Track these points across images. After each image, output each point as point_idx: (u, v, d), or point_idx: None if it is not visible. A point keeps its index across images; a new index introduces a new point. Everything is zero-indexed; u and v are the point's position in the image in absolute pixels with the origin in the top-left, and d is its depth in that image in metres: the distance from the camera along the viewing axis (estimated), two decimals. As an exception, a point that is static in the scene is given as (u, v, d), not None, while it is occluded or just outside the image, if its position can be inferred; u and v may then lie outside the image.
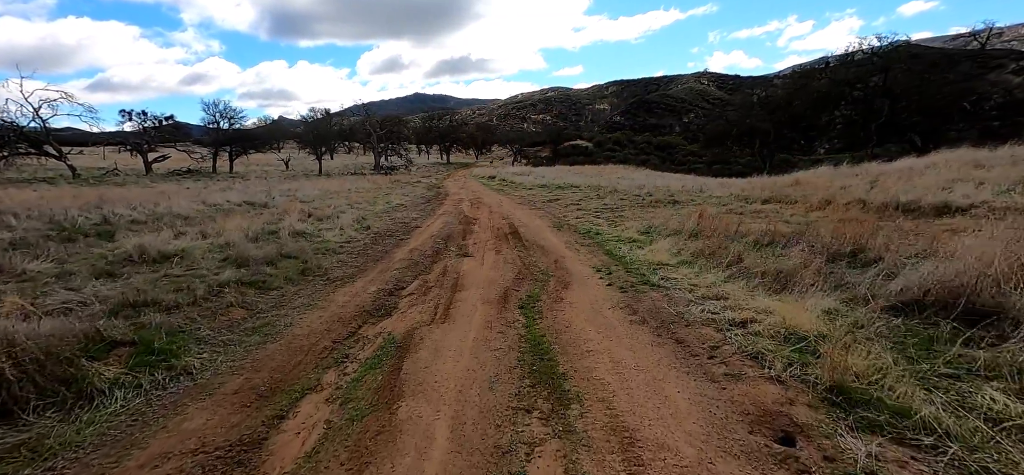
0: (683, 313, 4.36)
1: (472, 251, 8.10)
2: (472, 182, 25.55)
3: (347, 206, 14.53)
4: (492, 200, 16.05)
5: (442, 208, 14.41)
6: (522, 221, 11.06)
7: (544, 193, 17.52)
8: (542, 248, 7.98)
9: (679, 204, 12.80)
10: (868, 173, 14.82)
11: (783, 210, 10.65)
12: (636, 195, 15.09)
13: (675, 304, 4.66)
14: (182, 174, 34.29)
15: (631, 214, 11.35)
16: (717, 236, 7.06)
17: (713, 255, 6.19)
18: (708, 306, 4.39)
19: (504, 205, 14.52)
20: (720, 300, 4.56)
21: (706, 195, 14.56)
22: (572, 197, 15.68)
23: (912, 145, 26.59)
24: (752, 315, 3.90)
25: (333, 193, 19.73)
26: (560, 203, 14.38)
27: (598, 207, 12.86)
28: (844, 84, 27.11)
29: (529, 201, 15.42)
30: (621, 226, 9.61)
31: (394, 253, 8.00)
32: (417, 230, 10.44)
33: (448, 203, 15.72)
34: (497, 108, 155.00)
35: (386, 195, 18.81)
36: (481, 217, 12.12)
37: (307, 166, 43.22)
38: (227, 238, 8.19)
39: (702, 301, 4.63)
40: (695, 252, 6.50)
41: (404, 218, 12.37)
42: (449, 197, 17.84)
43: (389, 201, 16.31)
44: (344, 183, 25.94)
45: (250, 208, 14.45)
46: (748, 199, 12.77)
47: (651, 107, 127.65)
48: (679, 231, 7.97)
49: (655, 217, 10.36)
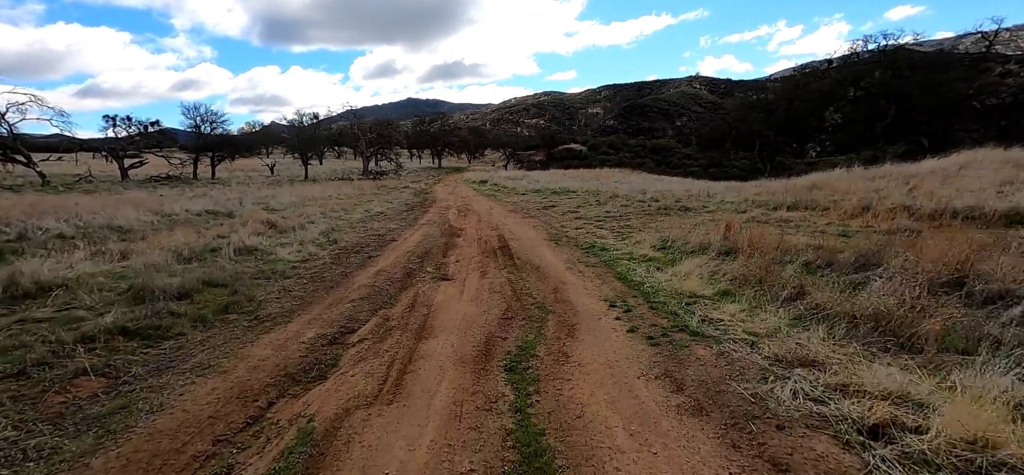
0: (762, 395, 2.78)
1: (452, 273, 6.53)
2: (462, 187, 23.98)
3: (320, 215, 12.92)
4: (482, 207, 14.50)
5: (426, 217, 12.83)
6: (514, 233, 9.50)
7: (538, 199, 15.98)
8: (537, 269, 6.42)
9: (690, 211, 11.30)
10: (893, 175, 13.40)
11: (815, 218, 9.16)
12: (640, 200, 13.57)
13: (741, 373, 3.08)
14: (160, 180, 32.46)
15: (639, 223, 9.82)
16: (758, 255, 5.53)
17: (761, 283, 4.65)
18: (798, 380, 2.82)
19: (494, 213, 12.96)
20: (810, 366, 3.00)
21: (717, 200, 13.08)
22: (569, 203, 14.15)
23: (918, 145, 25.36)
24: (890, 413, 2.30)
25: (311, 200, 18.10)
26: (556, 210, 12.83)
27: (599, 215, 11.32)
28: (848, 84, 25.85)
29: (522, 208, 13.87)
30: (630, 239, 8.07)
31: (355, 277, 6.41)
32: (392, 244, 8.85)
33: (433, 211, 14.15)
34: (491, 112, 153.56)
35: (368, 202, 17.20)
36: (468, 228, 10.56)
37: (294, 171, 41.47)
38: (149, 259, 6.57)
39: (783, 368, 3.06)
40: (736, 278, 4.96)
41: (381, 229, 10.78)
42: (436, 204, 16.26)
43: (369, 209, 14.70)
44: (327, 189, 24.30)
45: (210, 218, 12.80)
46: (767, 205, 11.29)
47: (644, 111, 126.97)
48: (705, 247, 6.43)
49: (668, 227, 8.84)
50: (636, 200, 13.73)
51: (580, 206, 13.23)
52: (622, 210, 12.00)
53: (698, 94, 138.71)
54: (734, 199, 13.08)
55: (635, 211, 11.68)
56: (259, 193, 22.29)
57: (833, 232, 7.70)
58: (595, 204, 13.54)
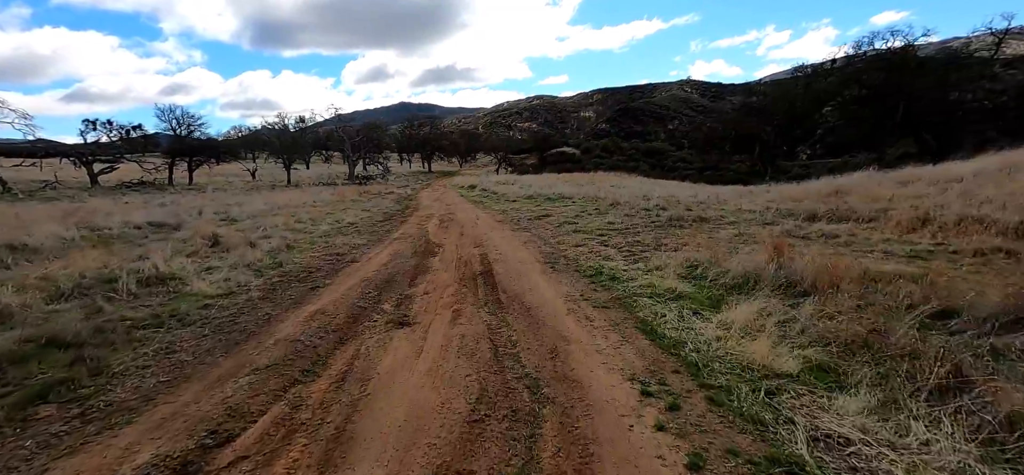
0: None
1: (415, 313, 4.79)
2: (449, 193, 22.22)
3: (280, 227, 11.12)
4: (467, 217, 12.75)
5: (402, 228, 11.07)
6: (500, 251, 7.77)
7: (531, 207, 14.26)
8: (528, 311, 4.68)
9: (708, 222, 9.62)
10: (925, 178, 11.82)
11: (865, 233, 7.51)
12: (645, 209, 11.89)
13: None
14: (132, 187, 30.38)
15: (650, 239, 8.11)
16: (839, 294, 3.84)
17: (871, 350, 2.95)
18: None
19: (480, 224, 11.22)
20: None
21: (733, 208, 11.43)
22: (566, 212, 12.44)
23: (924, 146, 23.99)
24: None
25: (281, 208, 16.27)
26: (551, 221, 11.11)
27: (602, 228, 9.61)
28: (853, 82, 24.44)
29: (512, 218, 12.14)
30: (646, 262, 6.35)
31: (281, 323, 4.64)
32: (350, 268, 7.07)
33: (412, 221, 12.38)
34: (483, 116, 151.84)
35: (342, 210, 15.40)
36: (447, 244, 8.82)
37: (278, 176, 39.45)
38: (4, 300, 4.76)
39: None
40: (827, 339, 3.26)
41: (344, 246, 9.00)
42: (417, 213, 14.50)
43: (340, 219, 12.91)
44: (304, 196, 22.43)
45: (152, 232, 10.97)
46: (795, 214, 9.65)
47: (636, 114, 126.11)
48: (754, 278, 4.73)
49: (690, 245, 7.14)
50: (641, 208, 12.05)
51: (578, 216, 11.52)
52: (627, 221, 10.30)
53: (689, 98, 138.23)
54: (752, 207, 11.44)
55: (643, 223, 9.98)
56: (229, 200, 20.40)
57: (901, 254, 6.04)
58: (595, 213, 11.84)
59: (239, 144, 53.67)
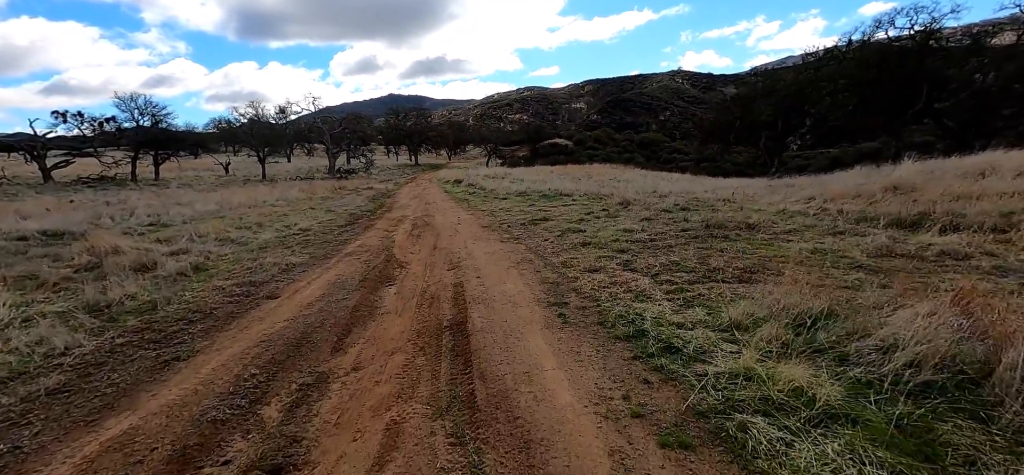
0: None
1: (312, 440, 2.40)
2: (432, 188, 19.73)
3: (211, 237, 8.65)
4: (447, 220, 10.33)
5: (362, 238, 8.63)
6: (484, 281, 5.37)
7: (524, 207, 11.85)
8: (526, 444, 2.33)
9: (756, 229, 7.29)
10: (999, 168, 9.63)
11: (995, 248, 5.23)
12: (664, 209, 9.56)
13: None
14: (89, 183, 27.44)
15: (693, 258, 5.76)
16: None
17: None
18: None
19: (461, 232, 8.80)
20: None
21: (771, 209, 9.14)
22: (567, 214, 10.07)
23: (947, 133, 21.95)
24: None
25: (232, 209, 13.74)
26: (551, 228, 8.73)
27: (618, 238, 7.25)
28: (871, 66, 22.25)
29: (501, 223, 9.74)
30: (711, 309, 4.00)
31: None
32: (261, 308, 4.66)
33: (379, 227, 9.94)
34: (474, 108, 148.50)
35: (303, 212, 12.91)
36: (413, 263, 6.42)
37: (254, 171, 36.57)
38: None
39: None
40: None
41: (276, 266, 6.55)
42: (389, 214, 12.05)
43: (291, 225, 10.42)
44: (271, 193, 19.83)
45: (41, 242, 8.47)
46: (871, 219, 7.37)
47: (627, 105, 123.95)
48: (948, 363, 2.39)
49: (761, 273, 4.81)
50: (659, 208, 9.70)
51: (584, 220, 9.14)
52: (649, 227, 7.94)
53: (681, 88, 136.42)
54: (794, 206, 9.16)
55: (671, 230, 7.62)
56: (182, 199, 17.76)
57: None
58: (604, 215, 9.47)
59: (218, 137, 50.52)
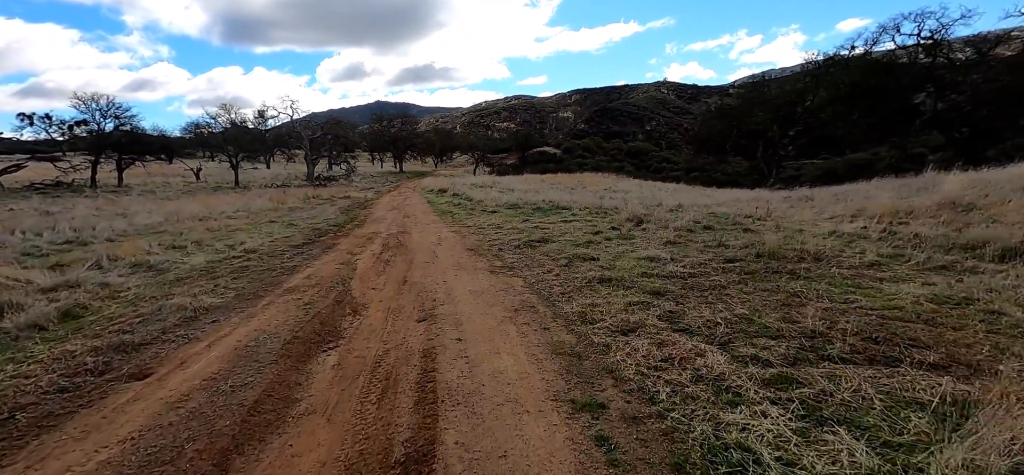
0: None
1: None
2: (415, 198, 17.88)
3: (121, 265, 6.74)
4: (426, 238, 8.53)
5: (315, 265, 6.78)
6: (467, 347, 3.59)
7: (516, 222, 10.10)
8: None
9: (825, 261, 5.64)
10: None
11: None
12: (687, 229, 7.89)
13: None
14: (42, 189, 24.96)
15: (762, 304, 4.07)
16: None
17: None
18: None
19: (442, 256, 7.01)
20: None
21: (826, 232, 7.54)
22: (570, 234, 8.34)
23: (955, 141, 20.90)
24: None
25: (180, 222, 11.76)
26: (553, 253, 6.98)
27: (644, 269, 5.54)
28: (881, 73, 21.16)
29: (491, 244, 7.98)
30: (897, 447, 2.28)
31: None
32: (86, 418, 2.82)
33: (342, 247, 8.09)
34: (461, 116, 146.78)
35: (261, 226, 10.99)
36: (372, 305, 4.62)
37: (228, 177, 34.22)
38: None
39: None
40: None
41: (180, 310, 4.68)
42: (360, 229, 10.21)
43: (238, 244, 8.52)
44: (239, 200, 17.79)
45: None
46: (958, 246, 5.78)
47: (614, 115, 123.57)
48: None
49: (906, 349, 3.13)
50: (678, 227, 8.02)
51: (592, 242, 7.42)
52: (678, 255, 6.25)
53: (666, 99, 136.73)
54: (854, 228, 7.56)
55: (709, 259, 5.93)
56: (135, 208, 15.65)
57: None
58: (616, 237, 7.76)
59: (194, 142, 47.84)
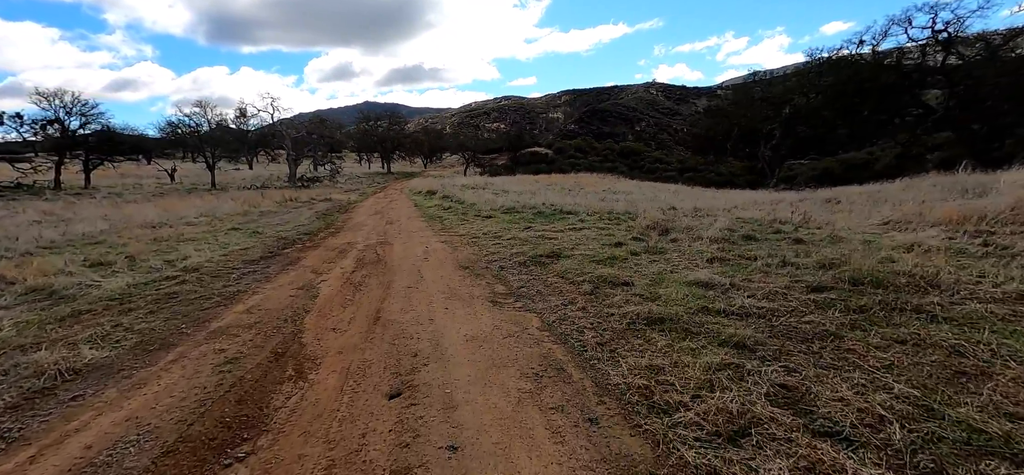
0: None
1: None
2: (400, 201, 16.34)
3: (13, 286, 5.17)
4: (410, 251, 7.03)
5: (268, 288, 5.25)
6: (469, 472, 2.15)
7: (517, 230, 8.65)
8: None
9: (942, 289, 4.27)
10: None
11: None
12: (723, 239, 6.52)
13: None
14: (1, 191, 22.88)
15: (898, 352, 2.68)
16: None
17: None
18: None
19: (428, 278, 5.53)
20: None
21: (899, 244, 6.21)
22: (583, 245, 6.91)
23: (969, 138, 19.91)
24: None
25: (127, 229, 10.12)
26: (567, 271, 5.53)
27: (700, 300, 4.15)
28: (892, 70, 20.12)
29: (490, 258, 6.51)
30: None
31: None
32: None
33: (307, 263, 6.56)
34: (451, 116, 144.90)
35: (219, 234, 9.41)
36: (325, 362, 3.14)
37: (204, 178, 32.24)
38: None
39: None
40: None
41: (38, 373, 3.16)
42: (334, 238, 8.67)
43: (175, 261, 6.94)
44: (207, 203, 16.09)
45: None
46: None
47: (604, 115, 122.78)
48: None
49: None
50: (713, 237, 6.64)
51: (616, 258, 5.98)
52: (734, 279, 4.85)
53: (655, 100, 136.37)
54: (938, 240, 6.24)
55: (783, 289, 4.54)
56: (84, 212, 13.88)
57: None
58: (642, 250, 6.34)
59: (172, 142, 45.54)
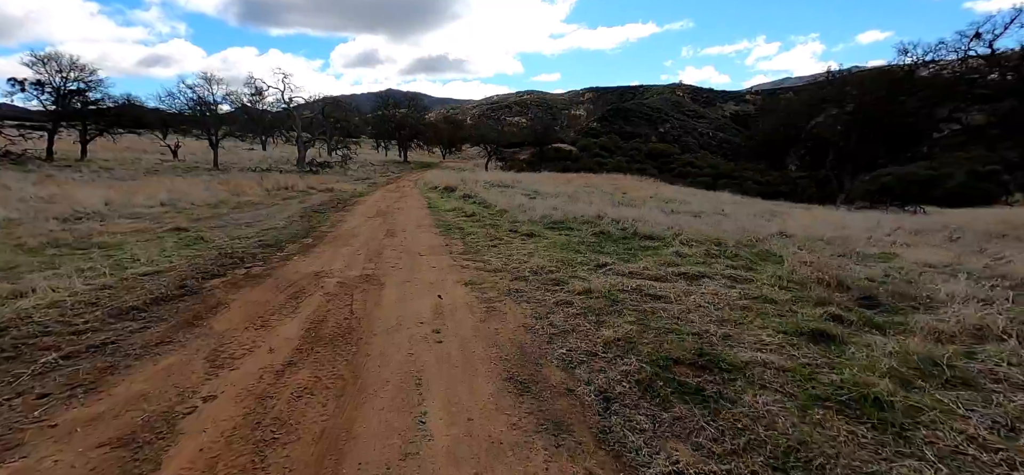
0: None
1: None
2: (413, 199, 13.29)
3: None
4: (408, 312, 3.97)
5: (154, 366, 2.24)
6: None
7: (585, 269, 5.49)
8: None
9: None
10: None
11: None
12: (945, 311, 3.31)
13: None
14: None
15: None
16: None
17: None
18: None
19: (438, 437, 2.46)
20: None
21: None
22: (749, 325, 3.73)
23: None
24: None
25: (46, 220, 7.28)
26: (763, 407, 2.37)
27: None
28: (971, 81, 16.47)
29: (562, 341, 3.38)
30: None
31: None
32: None
33: (215, 331, 3.55)
34: (472, 108, 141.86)
35: (149, 244, 6.49)
36: None
37: (209, 157, 29.65)
38: None
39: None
40: None
41: None
42: (298, 265, 5.67)
43: (119, 268, 3.97)
44: (190, 188, 13.22)
45: None
46: None
47: (627, 115, 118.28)
48: None
49: None
50: (940, 305, 3.41)
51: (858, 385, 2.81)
52: None
53: (681, 101, 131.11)
54: None
55: None
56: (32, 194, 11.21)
57: None
58: (860, 344, 3.15)
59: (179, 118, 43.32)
